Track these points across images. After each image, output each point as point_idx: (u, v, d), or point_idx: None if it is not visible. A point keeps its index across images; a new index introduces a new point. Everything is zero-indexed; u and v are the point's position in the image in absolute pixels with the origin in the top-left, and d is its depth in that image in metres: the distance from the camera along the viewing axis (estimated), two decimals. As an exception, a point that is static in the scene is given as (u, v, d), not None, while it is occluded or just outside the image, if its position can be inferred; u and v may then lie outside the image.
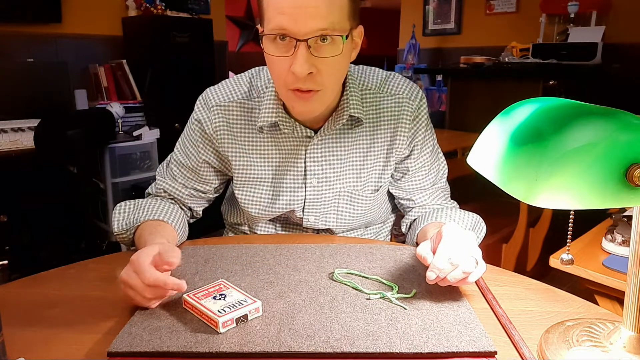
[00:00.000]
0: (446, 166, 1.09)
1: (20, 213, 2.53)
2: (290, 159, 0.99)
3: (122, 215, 0.98)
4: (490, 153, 0.59)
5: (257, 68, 1.02)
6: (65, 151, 2.49)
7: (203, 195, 1.07)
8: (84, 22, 3.19)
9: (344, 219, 1.05)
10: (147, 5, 3.32)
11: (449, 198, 1.09)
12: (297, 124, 0.95)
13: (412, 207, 1.07)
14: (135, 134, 2.92)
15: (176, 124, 3.30)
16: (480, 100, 3.16)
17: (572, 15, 3.27)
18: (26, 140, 2.44)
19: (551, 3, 3.40)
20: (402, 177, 1.05)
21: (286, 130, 0.96)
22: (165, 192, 1.05)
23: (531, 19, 3.55)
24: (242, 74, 1.03)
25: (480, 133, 0.63)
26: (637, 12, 3.08)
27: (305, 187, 1.01)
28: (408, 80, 1.03)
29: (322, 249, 0.93)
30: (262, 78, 0.99)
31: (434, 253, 0.75)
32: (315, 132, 0.96)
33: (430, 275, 0.72)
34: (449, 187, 1.09)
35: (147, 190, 1.08)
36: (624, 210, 1.25)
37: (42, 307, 0.74)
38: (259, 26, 0.88)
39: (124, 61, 3.29)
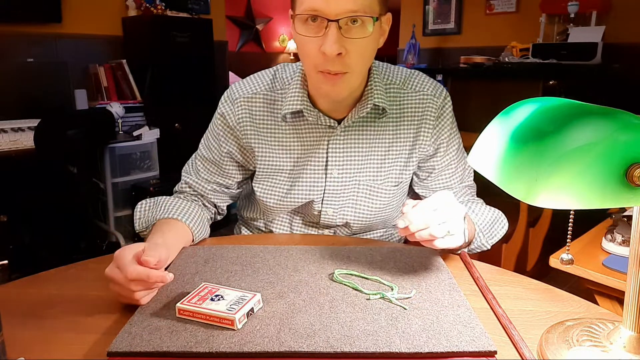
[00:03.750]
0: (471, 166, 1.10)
1: (20, 213, 2.53)
2: (312, 150, 1.00)
3: (142, 214, 1.00)
4: (490, 153, 0.59)
5: (282, 63, 1.04)
6: (65, 151, 2.49)
7: (226, 190, 1.07)
8: (84, 22, 3.19)
9: (362, 212, 1.04)
10: (147, 5, 3.32)
11: (475, 195, 1.10)
12: (320, 113, 0.96)
13: None
14: (135, 134, 2.92)
15: (176, 124, 3.31)
16: (480, 100, 3.16)
17: (572, 15, 3.26)
18: (26, 140, 2.44)
19: (551, 3, 3.40)
20: (428, 176, 1.06)
21: (310, 119, 0.96)
22: (189, 187, 1.06)
23: (531, 19, 3.55)
24: (268, 69, 1.05)
25: (480, 133, 0.63)
26: (637, 12, 3.08)
27: (326, 177, 1.01)
28: (431, 78, 1.04)
29: (322, 250, 0.93)
30: (287, 71, 1.01)
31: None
32: (339, 123, 0.97)
33: (400, 224, 0.77)
34: (475, 185, 1.10)
35: (174, 189, 1.10)
36: (624, 210, 1.25)
37: (42, 307, 0.74)
38: (290, 11, 0.88)
39: (124, 61, 3.29)
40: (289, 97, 0.96)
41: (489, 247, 1.01)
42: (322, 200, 1.02)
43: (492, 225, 1.00)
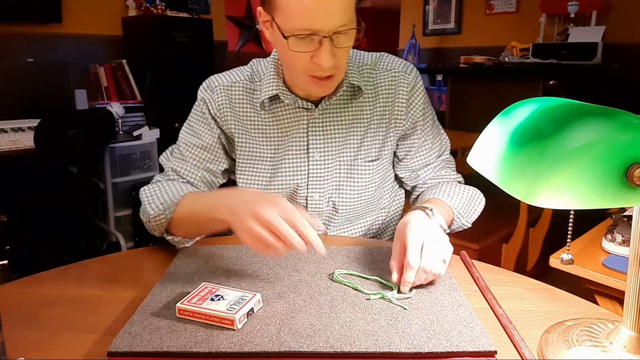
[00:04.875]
0: (448, 140, 1.12)
1: (20, 213, 2.53)
2: (293, 135, 1.02)
3: (153, 197, 0.97)
4: (490, 153, 0.59)
5: (256, 59, 1.07)
6: (65, 151, 2.48)
7: (214, 179, 1.07)
8: (84, 22, 3.19)
9: (346, 192, 1.05)
10: (147, 5, 3.32)
11: (454, 170, 1.11)
12: (297, 98, 0.98)
13: (418, 184, 1.09)
14: (135, 134, 2.92)
15: (176, 124, 3.29)
16: (480, 100, 3.16)
17: (572, 15, 3.26)
18: (26, 140, 2.44)
19: (551, 3, 3.39)
20: (407, 154, 1.07)
21: (287, 101, 0.99)
22: (177, 174, 1.04)
23: (531, 19, 3.54)
24: (244, 65, 1.07)
25: (480, 133, 0.63)
26: (637, 12, 3.08)
27: (308, 161, 1.02)
28: (399, 58, 1.08)
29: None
30: (261, 64, 1.04)
31: (401, 263, 0.78)
32: (316, 106, 0.99)
33: (405, 290, 0.76)
34: (453, 159, 1.12)
35: (155, 178, 1.06)
36: (624, 210, 1.25)
37: (42, 307, 0.74)
38: (264, 14, 0.89)
39: (124, 61, 3.28)
40: (265, 85, 0.99)
41: (470, 226, 1.04)
42: (307, 185, 1.04)
43: (469, 204, 1.03)
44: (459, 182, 1.09)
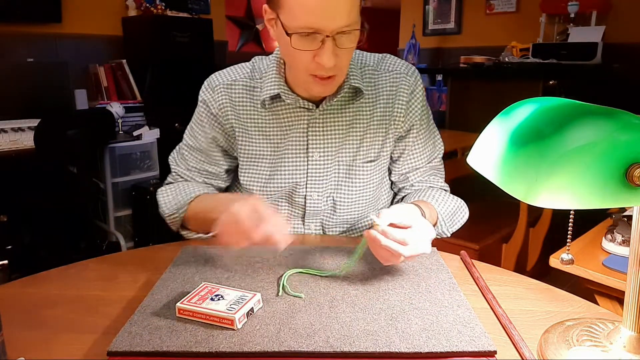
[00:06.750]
0: (442, 146, 1.12)
1: (20, 213, 2.53)
2: (292, 134, 1.02)
3: (168, 198, 1.05)
4: (490, 153, 0.59)
5: (258, 56, 1.07)
6: (65, 151, 2.49)
7: (215, 181, 1.10)
8: (84, 22, 3.19)
9: (344, 192, 1.06)
10: (147, 5, 3.32)
11: (442, 180, 1.11)
12: (298, 97, 0.99)
13: (405, 186, 1.10)
14: (135, 133, 2.92)
15: (176, 124, 3.30)
16: (480, 100, 3.16)
17: (572, 15, 3.26)
18: (26, 140, 2.44)
19: (551, 3, 3.39)
20: (400, 156, 1.08)
21: (288, 101, 0.99)
22: (181, 178, 1.10)
23: (531, 19, 3.55)
24: (246, 62, 1.08)
25: (480, 133, 0.63)
26: (637, 12, 3.08)
27: (307, 161, 1.03)
28: (402, 59, 1.08)
29: (323, 250, 0.93)
30: (263, 62, 1.05)
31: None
32: (317, 107, 1.00)
33: (378, 221, 0.77)
34: (443, 167, 1.12)
35: (166, 180, 1.13)
36: (624, 210, 1.25)
37: (42, 307, 0.74)
38: (270, 12, 0.90)
39: (124, 61, 3.28)
40: (267, 83, 1.00)
41: (449, 235, 1.04)
42: (306, 184, 1.04)
43: (454, 214, 1.03)
44: (445, 190, 1.09)
